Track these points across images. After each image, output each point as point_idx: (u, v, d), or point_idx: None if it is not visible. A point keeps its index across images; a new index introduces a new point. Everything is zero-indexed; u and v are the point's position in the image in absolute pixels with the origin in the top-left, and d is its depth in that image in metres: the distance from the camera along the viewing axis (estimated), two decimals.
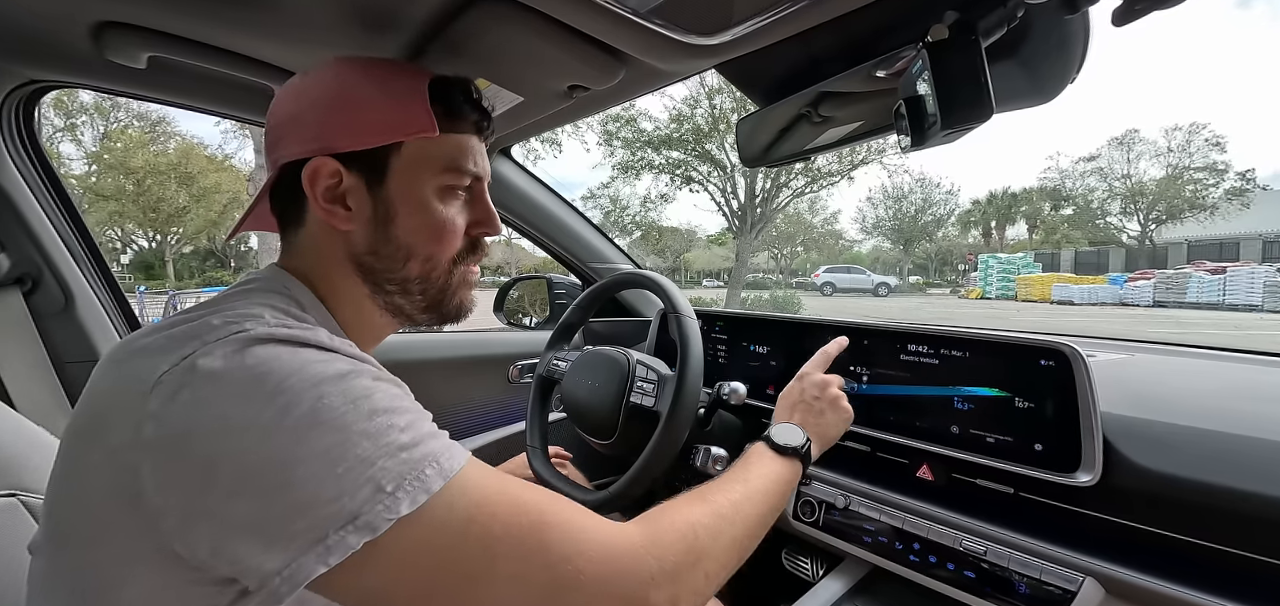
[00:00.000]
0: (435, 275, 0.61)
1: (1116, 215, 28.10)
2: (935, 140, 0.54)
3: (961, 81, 0.50)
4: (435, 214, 0.59)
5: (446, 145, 0.59)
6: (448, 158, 0.59)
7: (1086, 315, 16.23)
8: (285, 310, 0.52)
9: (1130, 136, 26.52)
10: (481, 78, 0.79)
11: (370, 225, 0.58)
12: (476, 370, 1.41)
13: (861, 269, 28.86)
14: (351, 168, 0.56)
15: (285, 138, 0.57)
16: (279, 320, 0.49)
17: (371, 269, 0.59)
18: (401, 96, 0.57)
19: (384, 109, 0.57)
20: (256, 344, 0.44)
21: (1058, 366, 0.72)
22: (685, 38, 0.62)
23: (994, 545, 0.74)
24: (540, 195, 1.42)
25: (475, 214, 0.64)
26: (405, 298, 0.61)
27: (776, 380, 1.08)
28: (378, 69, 0.59)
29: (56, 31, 0.73)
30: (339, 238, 0.58)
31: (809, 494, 0.95)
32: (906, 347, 0.88)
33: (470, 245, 0.64)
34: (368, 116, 0.56)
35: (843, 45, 0.65)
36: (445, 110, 0.59)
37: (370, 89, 0.57)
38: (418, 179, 0.58)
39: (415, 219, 0.58)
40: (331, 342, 0.48)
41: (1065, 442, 0.71)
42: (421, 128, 0.57)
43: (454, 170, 0.60)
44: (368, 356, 0.51)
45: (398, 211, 0.58)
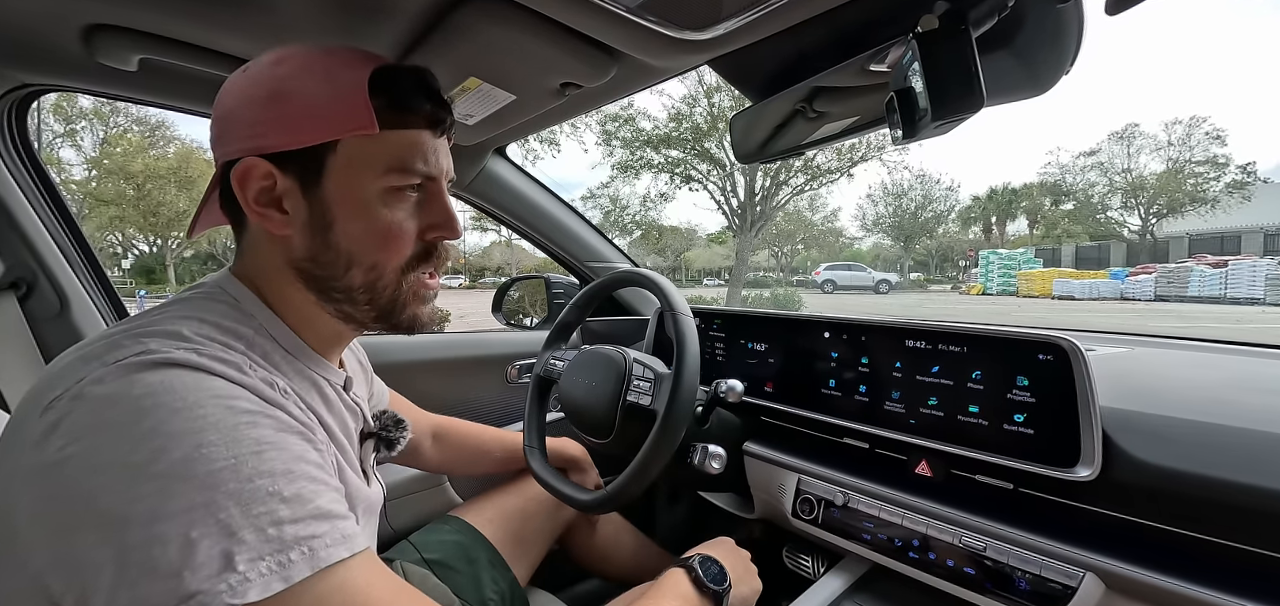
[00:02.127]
0: (382, 284, 0.56)
1: (1117, 210, 28.06)
2: (927, 132, 0.53)
3: (952, 72, 0.49)
4: (378, 218, 0.54)
5: (389, 142, 0.53)
6: (391, 157, 0.53)
7: (1088, 310, 16.20)
8: (217, 324, 0.49)
9: (1130, 130, 26.49)
10: (473, 76, 0.78)
11: (308, 230, 0.53)
12: (474, 370, 1.41)
13: (862, 266, 28.85)
14: (286, 168, 0.51)
15: (224, 134, 0.53)
16: (198, 340, 0.46)
17: (314, 276, 0.55)
18: (339, 89, 0.52)
19: (319, 103, 0.51)
20: (152, 369, 0.41)
21: (1056, 361, 0.72)
22: (675, 33, 0.62)
23: (994, 541, 0.73)
24: (537, 195, 1.42)
25: (430, 216, 0.58)
26: (352, 307, 0.56)
27: (774, 377, 1.08)
28: (320, 59, 0.53)
29: (47, 34, 0.73)
30: (277, 243, 0.54)
31: (808, 491, 0.95)
32: (905, 343, 0.87)
33: (424, 251, 0.58)
34: (301, 112, 0.51)
35: (833, 39, 0.65)
36: (389, 103, 0.53)
37: (306, 81, 0.52)
38: (357, 180, 0.53)
39: (356, 224, 0.53)
40: (246, 375, 0.45)
41: (1064, 437, 0.70)
42: (359, 124, 0.51)
43: (399, 170, 0.54)
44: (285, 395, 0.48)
45: (336, 215, 0.53)
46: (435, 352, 1.36)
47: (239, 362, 0.46)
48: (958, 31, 0.48)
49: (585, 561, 1.19)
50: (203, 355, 0.44)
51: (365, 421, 0.67)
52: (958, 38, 0.48)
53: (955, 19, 0.49)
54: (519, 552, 1.02)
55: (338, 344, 0.62)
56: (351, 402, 0.64)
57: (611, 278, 1.06)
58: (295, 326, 0.56)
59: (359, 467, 0.63)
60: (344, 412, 0.62)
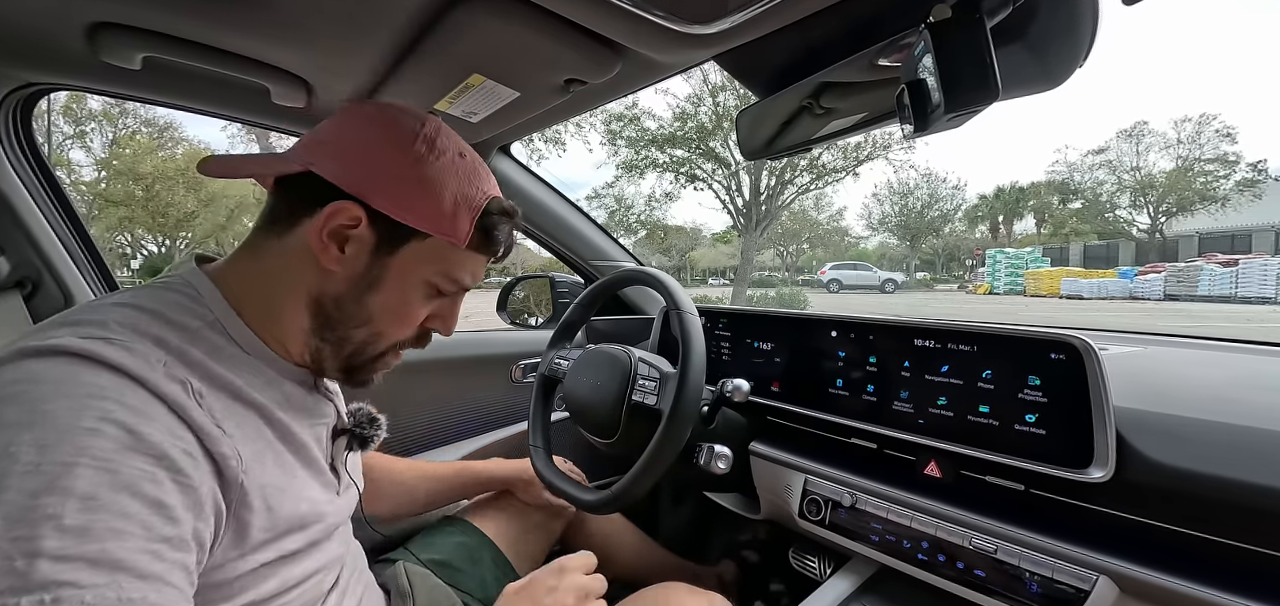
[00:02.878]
0: (372, 349, 0.60)
1: (1126, 208, 27.78)
2: (939, 125, 0.52)
3: (966, 62, 0.48)
4: (410, 301, 0.59)
5: (462, 258, 0.59)
6: (455, 266, 0.59)
7: (1097, 309, 16.08)
8: (159, 314, 0.48)
9: (1139, 128, 26.19)
10: (476, 73, 0.78)
11: (353, 282, 0.56)
12: (479, 370, 1.41)
13: (868, 266, 28.68)
14: (374, 224, 0.54)
15: (330, 152, 0.55)
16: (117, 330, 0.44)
17: (327, 316, 0.57)
18: (455, 198, 0.56)
19: (438, 199, 0.56)
20: (37, 357, 0.41)
21: (1068, 360, 0.71)
22: (681, 27, 0.61)
23: (1004, 543, 0.72)
24: (541, 193, 1.41)
25: (440, 310, 0.63)
26: (335, 352, 0.59)
27: (781, 377, 1.07)
28: (462, 163, 0.58)
29: (51, 33, 0.73)
30: (314, 271, 0.55)
31: (815, 492, 0.94)
32: (914, 342, 0.86)
33: (417, 336, 0.63)
34: (421, 198, 0.55)
35: (842, 31, 0.63)
36: (484, 234, 0.59)
37: (446, 177, 0.56)
38: (420, 270, 0.58)
39: (393, 297, 0.58)
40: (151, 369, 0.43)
41: (1077, 437, 0.69)
42: (455, 235, 0.57)
43: (453, 279, 0.60)
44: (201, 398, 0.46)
45: (384, 285, 0.57)
46: (438, 352, 1.36)
47: (150, 356, 0.44)
48: (971, 21, 0.47)
49: None
50: (111, 345, 0.43)
51: (339, 417, 0.67)
52: (972, 27, 0.47)
53: (969, 8, 0.48)
54: (522, 552, 1.01)
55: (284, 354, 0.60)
56: (322, 396, 0.64)
57: (616, 276, 1.06)
58: (259, 327, 0.55)
59: (326, 465, 0.63)
60: (311, 409, 0.62)
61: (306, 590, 0.57)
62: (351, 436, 0.68)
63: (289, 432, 0.56)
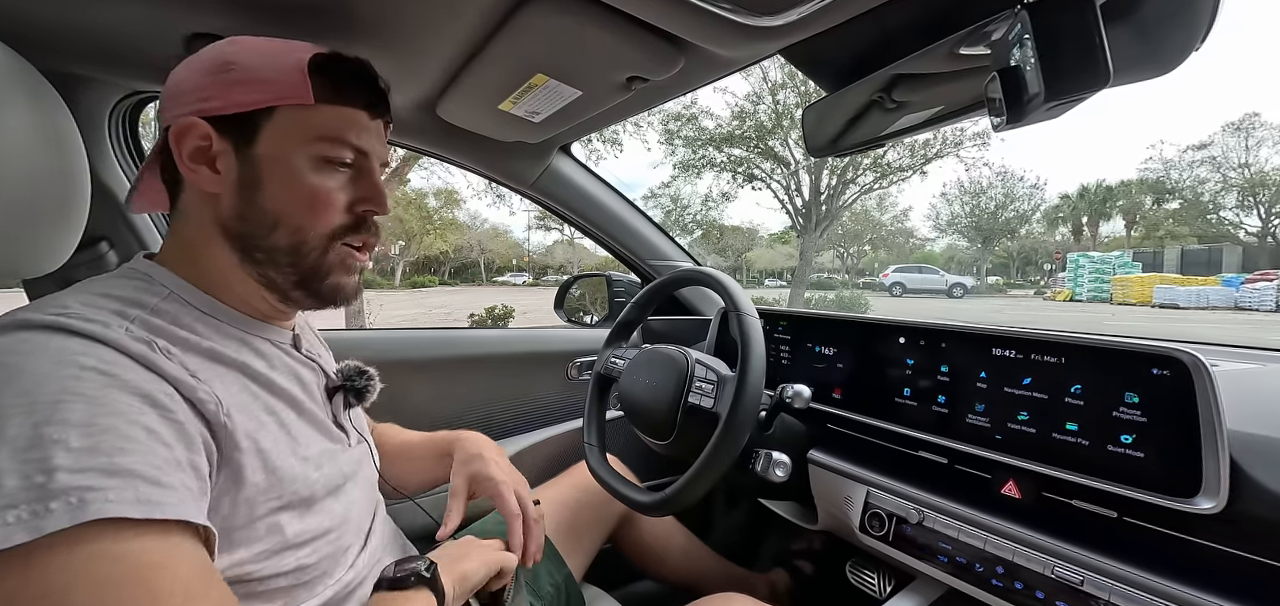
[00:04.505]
0: (306, 249, 0.58)
1: (1232, 209, 25.28)
2: (1037, 115, 0.48)
3: (1071, 44, 0.43)
4: (305, 183, 0.56)
5: (323, 115, 0.57)
6: (323, 127, 0.57)
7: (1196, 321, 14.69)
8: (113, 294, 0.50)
9: (1249, 121, 23.78)
10: (540, 73, 0.78)
11: (237, 189, 0.56)
12: (536, 367, 1.43)
13: (934, 268, 27.38)
14: (223, 131, 0.55)
15: (169, 102, 0.56)
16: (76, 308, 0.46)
17: (239, 235, 0.57)
18: (280, 63, 0.55)
19: (260, 73, 0.55)
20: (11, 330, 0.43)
21: (1174, 376, 0.64)
22: (747, 19, 0.59)
23: (1092, 574, 0.66)
24: (600, 192, 1.42)
25: (360, 190, 0.60)
26: (275, 270, 0.58)
27: (843, 383, 1.03)
28: (267, 41, 0.58)
29: (154, 46, 0.79)
30: (207, 202, 0.56)
31: (878, 506, 0.89)
32: (991, 352, 0.81)
33: (354, 222, 0.60)
34: (243, 79, 0.55)
35: (922, 19, 0.59)
36: (327, 82, 0.57)
37: (251, 55, 0.56)
38: (288, 146, 0.56)
39: (284, 188, 0.56)
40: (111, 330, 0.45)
41: (1182, 463, 0.62)
42: (295, 95, 0.55)
43: (331, 140, 0.57)
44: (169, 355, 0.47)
45: (264, 176, 0.56)
46: (496, 348, 1.39)
47: (109, 323, 0.46)
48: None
49: (637, 559, 1.18)
50: (71, 317, 0.44)
51: (327, 376, 0.68)
52: (1079, 5, 0.43)
53: None
54: (573, 546, 1.02)
55: (271, 313, 0.62)
56: (305, 358, 0.65)
57: (674, 276, 1.04)
58: (216, 291, 0.57)
59: (329, 422, 0.64)
60: (296, 366, 0.63)
61: (327, 543, 0.59)
62: (345, 391, 0.69)
63: (276, 387, 0.58)
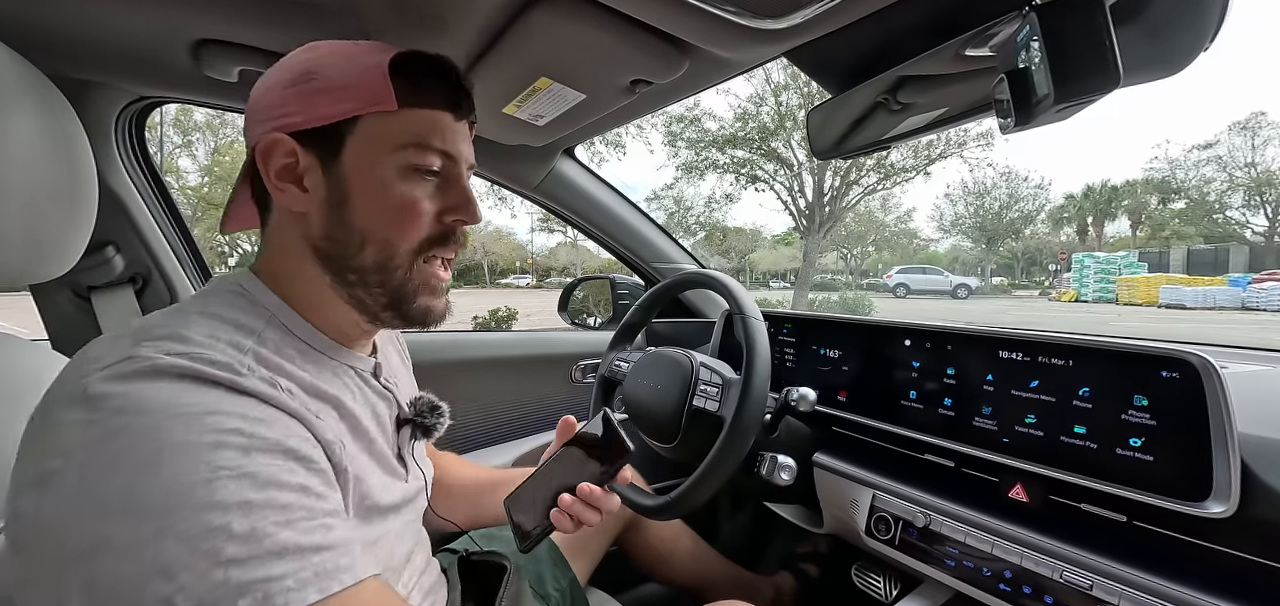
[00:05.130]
0: (393, 265, 0.55)
1: (1238, 209, 25.12)
2: (1046, 117, 0.47)
3: (1081, 46, 0.43)
4: (393, 194, 0.54)
5: (407, 120, 0.54)
6: (409, 133, 0.54)
7: (1202, 321, 14.59)
8: (226, 318, 0.49)
9: (1256, 120, 23.64)
10: (544, 76, 0.78)
11: (325, 207, 0.54)
12: (539, 369, 1.43)
13: (938, 269, 27.27)
14: (308, 146, 0.53)
15: (253, 119, 0.55)
16: (200, 342, 0.45)
17: (329, 255, 0.55)
18: (360, 69, 0.53)
19: (341, 81, 0.52)
20: (136, 379, 0.40)
21: (1183, 378, 0.63)
22: (750, 22, 0.59)
23: (1101, 579, 0.65)
24: (604, 195, 1.42)
25: (449, 199, 0.57)
26: (365, 290, 0.56)
27: (848, 386, 1.02)
28: (346, 46, 0.55)
29: (161, 52, 0.80)
30: (297, 221, 0.55)
31: (884, 509, 0.89)
32: (998, 354, 0.80)
33: (441, 234, 0.57)
34: (324, 89, 0.52)
35: (928, 21, 0.59)
36: (409, 84, 0.54)
37: (330, 62, 0.54)
38: (374, 157, 0.53)
39: (371, 200, 0.53)
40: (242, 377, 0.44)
41: (1192, 466, 0.62)
42: (377, 101, 0.52)
43: (417, 147, 0.54)
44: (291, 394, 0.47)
45: (352, 190, 0.53)
46: (500, 351, 1.39)
47: (234, 364, 0.45)
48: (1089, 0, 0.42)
49: (643, 563, 1.18)
50: (195, 360, 0.43)
51: (399, 407, 0.66)
52: (1088, 6, 0.42)
53: None
54: (578, 549, 1.02)
55: (358, 335, 0.61)
56: (382, 389, 0.64)
57: (678, 279, 1.04)
58: (310, 315, 0.56)
59: (393, 455, 0.63)
60: (374, 398, 0.62)
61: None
62: (414, 425, 0.67)
63: (359, 423, 0.57)
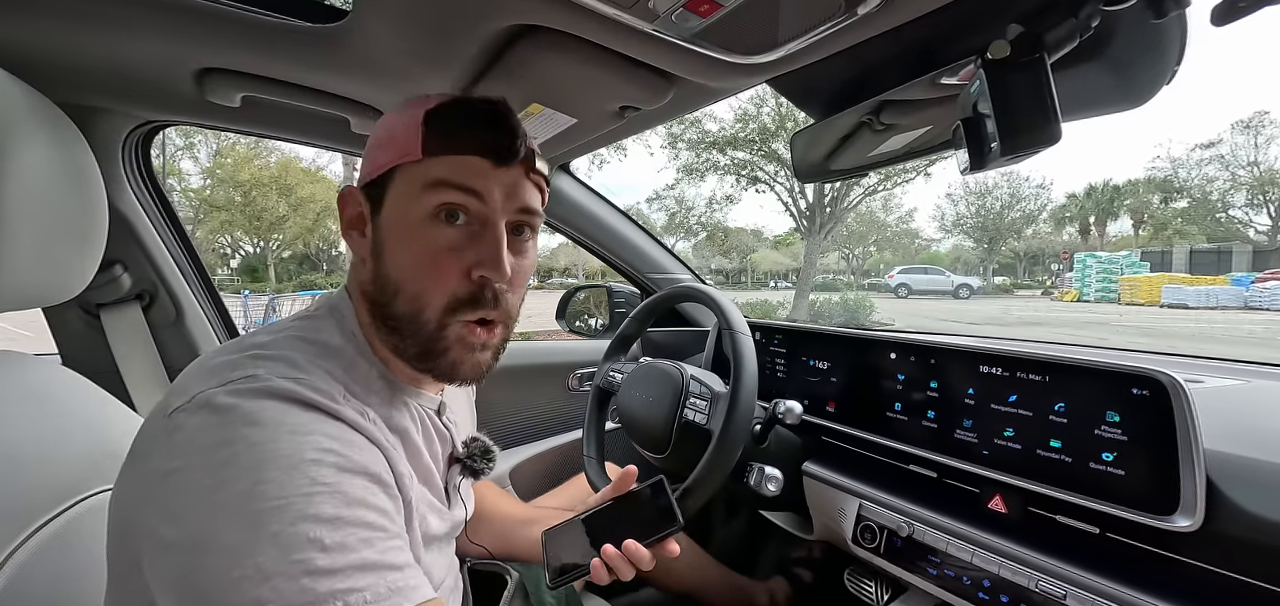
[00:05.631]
0: (424, 318, 0.54)
1: (1241, 208, 25.06)
2: (995, 163, 0.50)
3: (1024, 102, 0.45)
4: (419, 243, 0.53)
5: (435, 165, 0.53)
6: (432, 176, 0.53)
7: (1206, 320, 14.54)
8: (325, 344, 0.54)
9: (1259, 119, 23.58)
10: (536, 102, 0.81)
11: (372, 255, 0.56)
12: (539, 378, 1.45)
13: (940, 269, 27.23)
14: (367, 197, 0.57)
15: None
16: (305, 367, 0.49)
17: (374, 302, 0.56)
18: (403, 122, 0.55)
19: (387, 137, 0.55)
20: (251, 396, 0.44)
21: (1153, 396, 0.66)
22: (732, 58, 0.61)
23: (1074, 589, 0.67)
24: (598, 208, 1.45)
25: (478, 251, 0.54)
26: (401, 338, 0.56)
27: (837, 397, 1.05)
28: (418, 102, 0.56)
29: (166, 80, 0.82)
30: (360, 266, 0.58)
31: (870, 518, 0.91)
32: (979, 368, 0.82)
33: (470, 294, 0.55)
34: (378, 144, 0.56)
35: (898, 58, 0.62)
36: (439, 130, 0.53)
37: (390, 119, 0.57)
38: (406, 204, 0.54)
39: (402, 249, 0.54)
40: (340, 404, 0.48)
41: (1161, 481, 0.64)
42: (407, 151, 0.53)
43: (443, 186, 0.53)
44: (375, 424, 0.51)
45: (387, 239, 0.55)
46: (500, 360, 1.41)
47: (333, 391, 0.48)
48: (1032, 59, 0.45)
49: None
50: (303, 384, 0.47)
51: (454, 446, 0.69)
52: (1031, 66, 0.45)
53: (1029, 45, 0.45)
54: None
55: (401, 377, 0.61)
56: (443, 428, 0.67)
57: (670, 293, 1.07)
58: (377, 351, 0.59)
59: (443, 491, 0.66)
60: (434, 437, 0.65)
61: None
62: (464, 466, 0.69)
63: (420, 458, 0.60)
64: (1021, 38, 0.46)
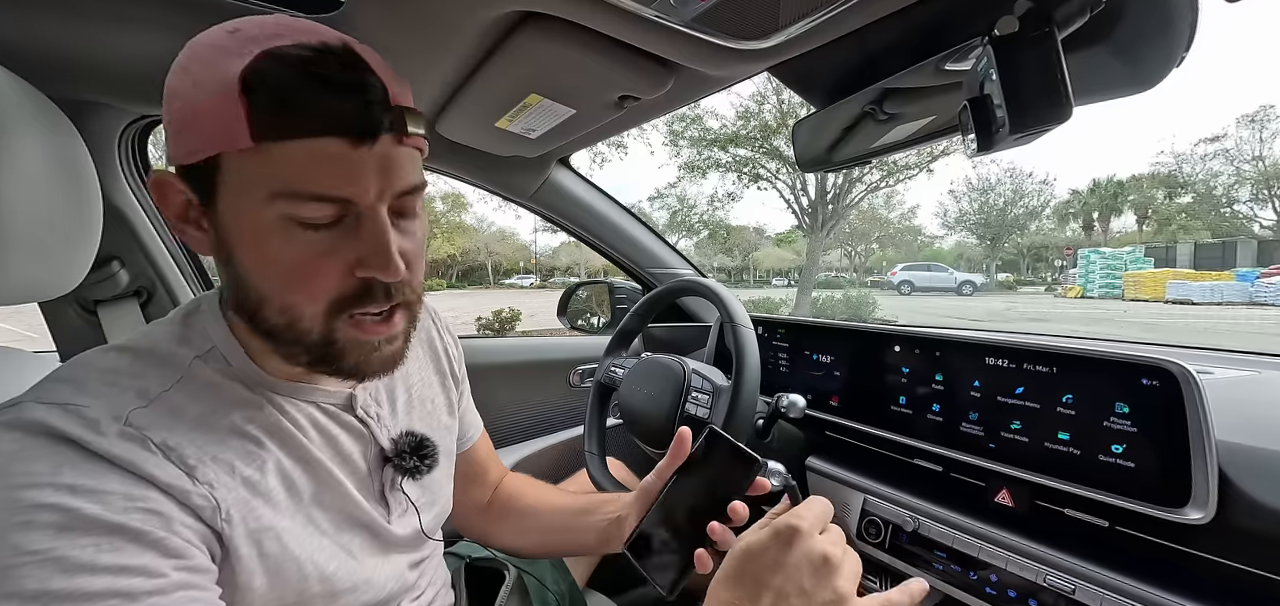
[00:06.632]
0: (303, 327, 0.44)
1: (1246, 203, 24.92)
2: (1004, 144, 0.49)
3: (1034, 79, 0.44)
4: (275, 255, 0.42)
5: (272, 159, 0.39)
6: (277, 178, 0.40)
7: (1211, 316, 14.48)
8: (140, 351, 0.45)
9: (1264, 113, 23.44)
10: (534, 93, 0.80)
11: (218, 257, 0.45)
12: (540, 374, 1.45)
13: (943, 266, 27.14)
14: (190, 183, 0.43)
15: None
16: (79, 387, 0.41)
17: (237, 305, 0.46)
18: (208, 89, 0.39)
19: (191, 108, 0.40)
20: (2, 430, 0.38)
21: (1163, 386, 0.64)
22: (732, 43, 0.60)
23: (1083, 583, 0.66)
24: (598, 202, 1.44)
25: (357, 248, 0.43)
26: (284, 346, 0.46)
27: (841, 391, 1.04)
28: (213, 44, 0.41)
29: (161, 73, 0.80)
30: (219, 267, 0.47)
31: (874, 513, 0.90)
32: (985, 361, 0.81)
33: (357, 290, 0.45)
34: (181, 119, 0.41)
35: (902, 41, 0.61)
36: (271, 105, 0.39)
37: (187, 77, 0.41)
38: (244, 207, 0.41)
39: (254, 257, 0.43)
40: (98, 436, 0.39)
41: (1172, 473, 0.63)
42: (229, 136, 0.39)
43: (288, 197, 0.40)
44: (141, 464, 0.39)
45: (233, 244, 0.43)
46: (499, 357, 1.40)
47: (101, 421, 0.39)
48: (1041, 35, 0.44)
49: None
50: (68, 413, 0.39)
51: (378, 444, 0.58)
52: (1040, 42, 0.43)
53: (1038, 21, 0.44)
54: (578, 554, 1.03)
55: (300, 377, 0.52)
56: (355, 423, 0.56)
57: (671, 286, 1.06)
58: (260, 353, 0.49)
59: (375, 493, 0.57)
60: (339, 436, 0.54)
61: None
62: (394, 465, 0.58)
63: (310, 466, 0.51)
64: (1030, 13, 0.45)
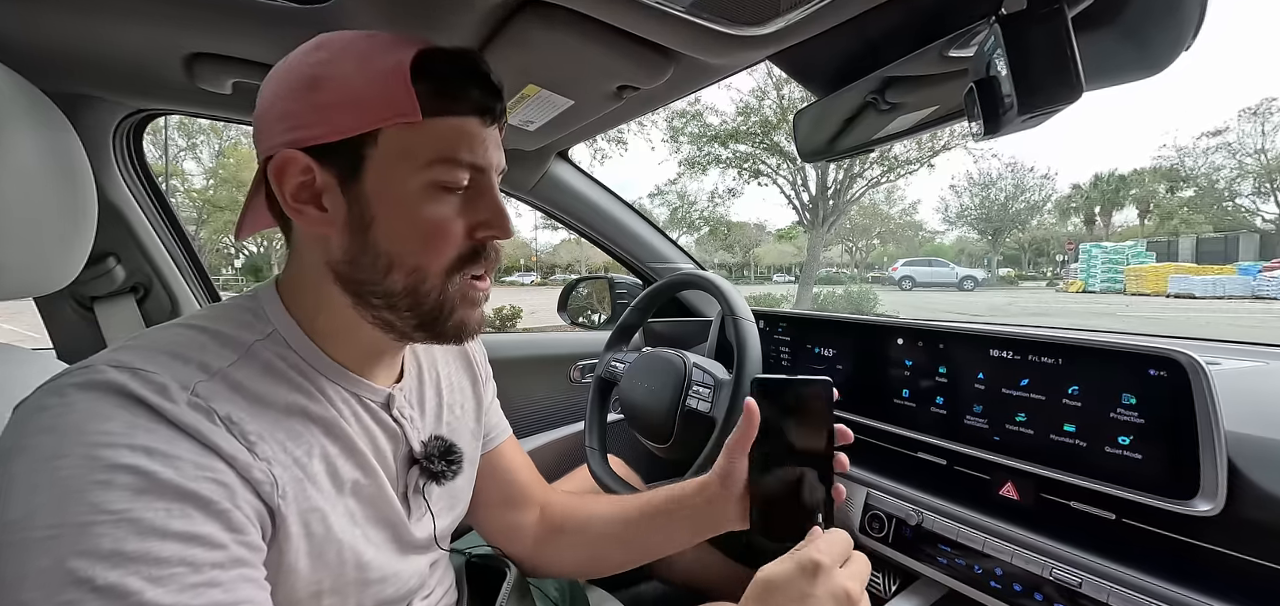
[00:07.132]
0: (426, 289, 0.51)
1: (1248, 197, 24.86)
2: (1012, 126, 0.47)
3: (1043, 58, 0.43)
4: (422, 217, 0.49)
5: (434, 132, 0.48)
6: (437, 147, 0.48)
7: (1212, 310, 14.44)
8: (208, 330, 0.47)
9: (1266, 106, 23.35)
10: (531, 83, 0.79)
11: (347, 230, 0.49)
12: (540, 370, 1.44)
13: (944, 262, 27.08)
14: (325, 162, 0.48)
15: (263, 129, 0.50)
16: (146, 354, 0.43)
17: (351, 280, 0.51)
18: (378, 74, 0.47)
19: (357, 89, 0.47)
20: (58, 393, 0.39)
21: (1170, 377, 0.63)
22: (732, 29, 0.59)
23: (1090, 576, 0.65)
24: (599, 197, 1.43)
25: (479, 213, 0.52)
26: (393, 313, 0.51)
27: (843, 384, 1.03)
28: (360, 42, 0.49)
29: (156, 66, 0.81)
30: (317, 243, 0.51)
31: (877, 507, 0.89)
32: (989, 353, 0.80)
33: (472, 251, 0.53)
34: (338, 100, 0.47)
35: (905, 26, 0.59)
36: (435, 89, 0.48)
37: (344, 66, 0.48)
38: (399, 175, 0.48)
39: (398, 223, 0.49)
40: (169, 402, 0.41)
41: (1180, 465, 0.62)
42: (400, 111, 0.47)
43: (446, 162, 0.49)
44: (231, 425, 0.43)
45: (376, 214, 0.49)
46: (500, 353, 1.40)
47: (174, 387, 0.42)
48: (1051, 12, 0.42)
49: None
50: (139, 378, 0.41)
51: (408, 445, 0.60)
52: (1050, 19, 0.42)
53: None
54: None
55: (380, 356, 0.57)
56: (390, 422, 0.58)
57: (672, 280, 1.05)
58: (325, 340, 0.53)
59: (398, 494, 0.59)
60: (376, 431, 0.56)
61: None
62: (421, 469, 0.61)
63: (352, 453, 0.53)
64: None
